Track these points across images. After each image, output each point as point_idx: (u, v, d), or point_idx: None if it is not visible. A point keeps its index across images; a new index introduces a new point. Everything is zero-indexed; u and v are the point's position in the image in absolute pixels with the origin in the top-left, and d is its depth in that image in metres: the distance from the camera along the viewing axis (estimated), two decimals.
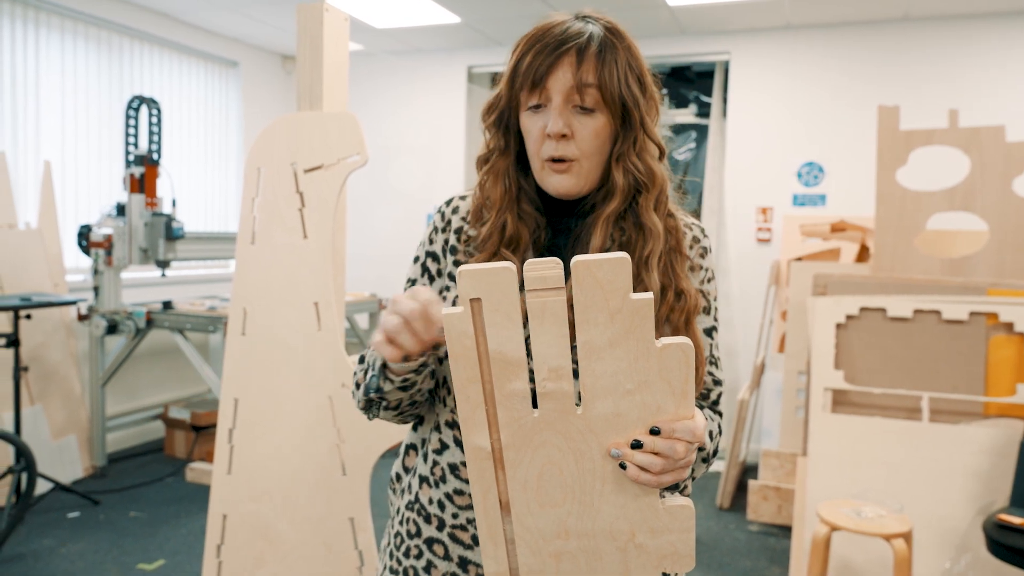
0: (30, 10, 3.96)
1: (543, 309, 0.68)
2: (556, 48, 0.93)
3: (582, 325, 0.69)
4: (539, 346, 0.70)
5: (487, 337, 0.70)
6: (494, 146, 1.02)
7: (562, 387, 0.71)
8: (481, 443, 0.74)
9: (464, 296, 0.69)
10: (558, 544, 0.77)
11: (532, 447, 0.74)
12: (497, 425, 0.73)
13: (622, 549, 0.76)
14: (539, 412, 0.73)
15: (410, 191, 5.37)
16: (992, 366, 2.72)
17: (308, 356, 1.91)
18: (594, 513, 0.76)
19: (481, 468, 0.75)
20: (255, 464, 1.96)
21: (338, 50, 1.97)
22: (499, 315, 0.69)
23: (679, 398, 0.72)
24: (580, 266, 0.67)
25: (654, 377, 0.71)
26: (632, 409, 0.72)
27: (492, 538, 0.77)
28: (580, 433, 0.73)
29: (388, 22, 4.67)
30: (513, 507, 0.76)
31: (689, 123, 5.31)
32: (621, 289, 0.67)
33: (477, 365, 0.71)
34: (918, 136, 3.06)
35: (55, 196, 3.97)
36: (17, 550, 3.06)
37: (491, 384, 0.72)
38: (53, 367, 3.83)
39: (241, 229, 1.98)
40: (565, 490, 0.75)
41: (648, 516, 0.75)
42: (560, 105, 0.93)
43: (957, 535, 2.43)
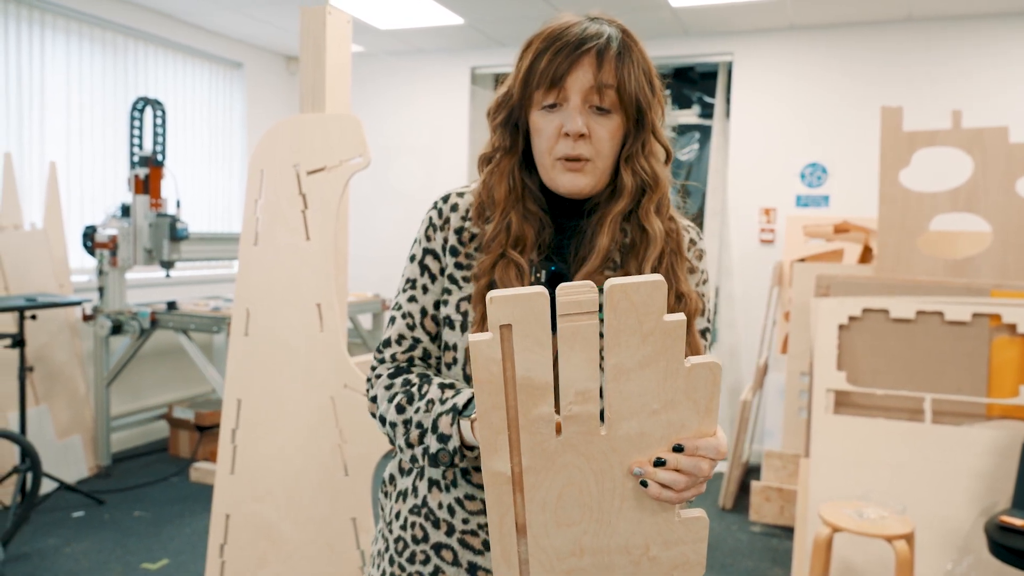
0: (35, 12, 3.98)
1: (575, 333, 0.68)
2: (576, 48, 0.93)
3: (612, 348, 0.68)
4: (568, 370, 0.69)
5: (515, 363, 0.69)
6: (499, 145, 1.02)
7: (588, 409, 0.70)
8: (501, 468, 0.73)
9: (494, 323, 0.68)
10: (571, 562, 0.76)
11: (553, 470, 0.73)
12: (519, 449, 0.72)
13: (635, 563, 0.76)
14: (563, 435, 0.72)
15: (412, 192, 5.38)
16: (995, 368, 2.72)
17: (310, 357, 1.92)
18: (610, 531, 0.75)
19: (500, 493, 0.74)
20: (258, 464, 1.97)
21: (341, 52, 1.97)
22: (529, 340, 0.68)
23: (703, 416, 0.71)
24: (616, 290, 0.66)
25: (681, 396, 0.70)
26: (656, 428, 0.71)
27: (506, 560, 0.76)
28: (603, 453, 0.72)
29: (391, 23, 4.68)
30: (530, 529, 0.75)
31: (692, 124, 5.31)
32: (656, 311, 0.67)
33: (503, 391, 0.70)
34: (921, 137, 3.05)
35: (60, 197, 3.98)
36: (22, 549, 3.08)
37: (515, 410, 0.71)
38: (58, 367, 3.85)
39: (244, 230, 1.99)
40: (583, 509, 0.74)
41: (664, 529, 0.75)
42: (579, 105, 0.94)
43: (959, 536, 2.42)
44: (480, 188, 1.03)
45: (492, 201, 1.00)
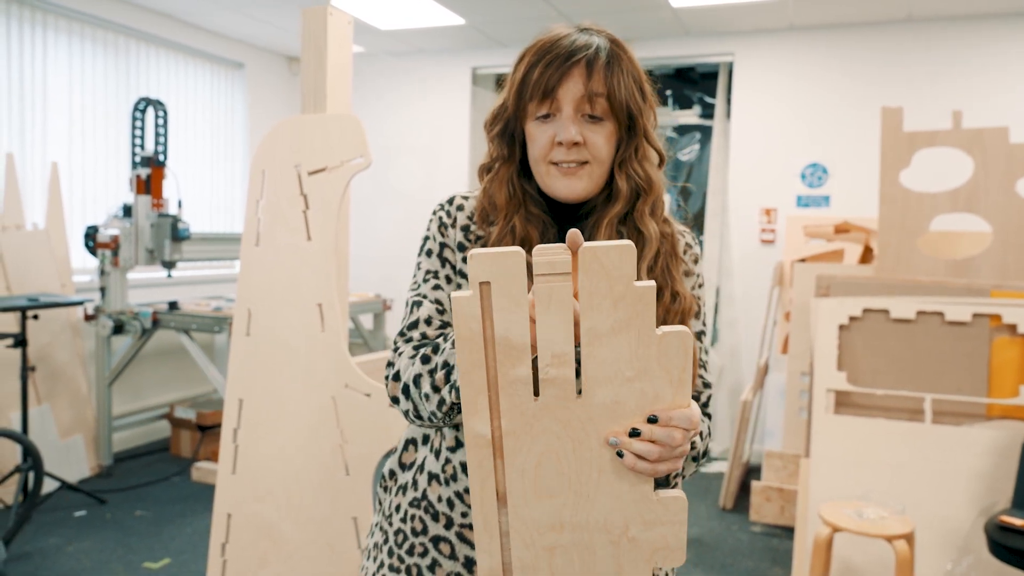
0: (37, 13, 3.99)
1: (550, 294, 0.70)
2: (566, 60, 0.97)
3: (587, 311, 0.70)
4: (544, 331, 0.71)
5: (494, 322, 0.71)
6: (498, 154, 1.05)
7: (564, 373, 0.72)
8: (482, 430, 0.74)
9: (474, 279, 0.70)
10: (552, 537, 0.77)
11: (532, 435, 0.74)
12: (499, 412, 0.74)
13: (615, 543, 0.77)
14: (540, 399, 0.73)
15: (413, 192, 5.39)
16: (995, 368, 2.72)
17: (311, 357, 1.93)
18: (589, 505, 0.76)
19: (480, 456, 0.75)
20: (259, 464, 1.98)
21: (342, 52, 1.98)
22: (507, 299, 0.70)
23: (676, 386, 0.73)
24: (587, 253, 0.68)
25: (653, 365, 0.72)
26: (631, 397, 0.73)
27: (487, 529, 0.78)
28: (579, 421, 0.74)
29: (392, 24, 4.69)
30: (510, 497, 0.76)
31: (693, 124, 5.31)
32: (626, 276, 0.69)
33: (483, 350, 0.72)
34: (921, 137, 3.06)
35: (62, 197, 4.00)
36: (24, 548, 3.09)
37: (495, 370, 0.73)
38: (60, 367, 3.86)
39: (246, 231, 2.00)
40: (562, 480, 0.76)
41: (642, 508, 0.76)
42: (571, 114, 0.97)
43: (959, 536, 2.43)
44: (481, 195, 1.06)
45: (494, 207, 1.03)
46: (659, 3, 4.11)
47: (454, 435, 1.03)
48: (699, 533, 3.49)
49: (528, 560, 0.78)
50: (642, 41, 4.82)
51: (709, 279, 4.75)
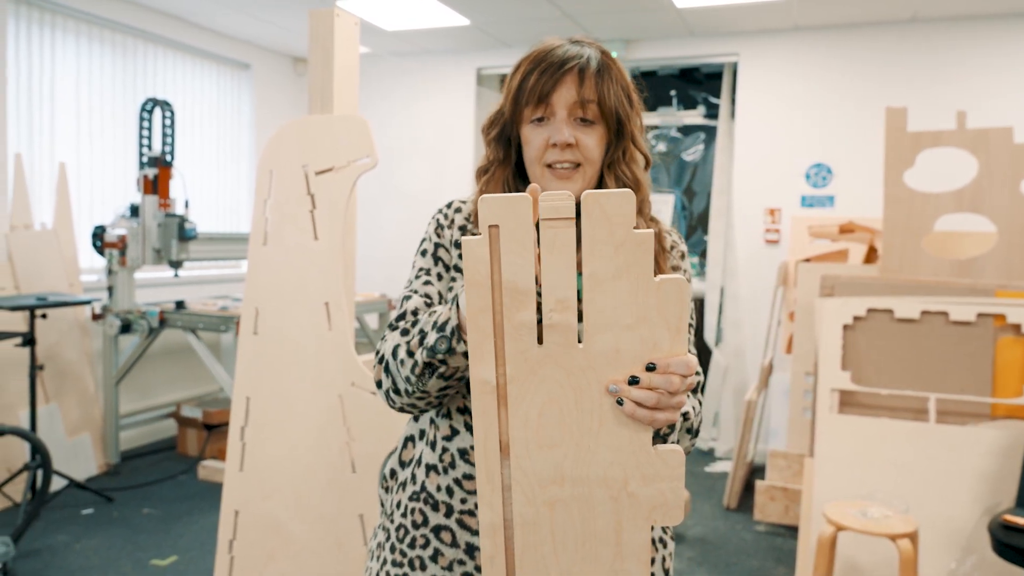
0: (46, 14, 4.02)
1: (554, 239, 0.72)
2: (559, 68, 1.03)
3: (589, 256, 0.72)
4: (549, 275, 0.73)
5: (501, 266, 0.73)
6: (494, 157, 1.11)
7: (567, 319, 0.74)
8: (487, 376, 0.76)
9: (484, 222, 0.73)
10: (553, 491, 0.79)
11: (535, 382, 0.76)
12: (504, 360, 0.76)
13: (615, 498, 0.78)
14: (544, 346, 0.75)
15: (418, 192, 5.40)
16: (1000, 367, 2.73)
17: (319, 356, 1.94)
18: (590, 457, 0.78)
19: (485, 404, 0.77)
20: (267, 462, 2.00)
21: (349, 54, 2.00)
22: (514, 243, 0.73)
23: (674, 334, 0.75)
24: (589, 198, 0.71)
25: (652, 312, 0.74)
26: (631, 345, 0.75)
27: (490, 481, 0.79)
28: (581, 369, 0.76)
29: (397, 24, 4.71)
30: (513, 447, 0.78)
31: (697, 124, 5.32)
32: (626, 222, 0.71)
33: (490, 294, 0.74)
34: (926, 137, 3.06)
35: (70, 197, 4.02)
36: (33, 545, 3.11)
37: (501, 315, 0.75)
38: (68, 366, 3.88)
39: (253, 231, 2.02)
40: (563, 430, 0.77)
41: (641, 460, 0.78)
42: (565, 117, 1.03)
43: (963, 536, 2.43)
44: (477, 196, 1.11)
45: None
46: (663, 4, 4.12)
47: (449, 424, 1.06)
48: (703, 532, 3.50)
49: (529, 515, 0.80)
50: (647, 42, 4.83)
51: (713, 279, 4.76)
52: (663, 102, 5.22)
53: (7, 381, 3.59)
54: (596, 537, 0.80)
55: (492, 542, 0.81)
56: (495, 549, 0.81)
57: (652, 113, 5.17)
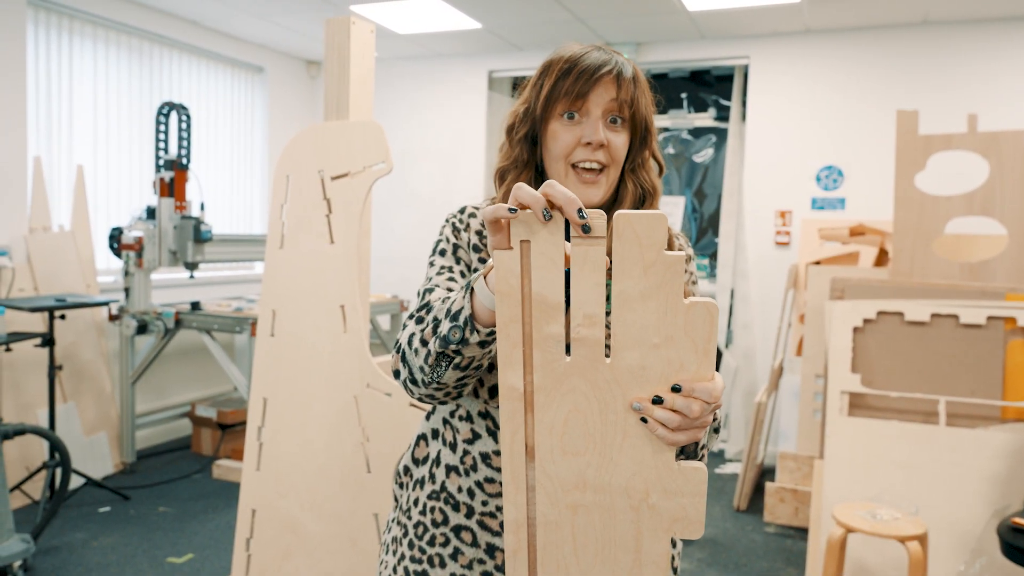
0: (64, 19, 4.08)
1: (585, 256, 0.74)
2: (598, 70, 1.04)
3: (618, 275, 0.74)
4: (578, 292, 0.75)
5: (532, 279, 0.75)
6: (517, 159, 1.11)
7: (595, 334, 0.76)
8: (515, 383, 0.78)
9: (516, 238, 0.75)
10: (575, 496, 0.81)
11: (561, 392, 0.78)
12: (532, 367, 0.78)
13: (635, 508, 0.80)
14: (571, 358, 0.77)
15: (430, 194, 5.44)
16: (1010, 371, 2.73)
17: (334, 357, 1.98)
18: (613, 467, 0.79)
19: (513, 408, 0.79)
20: (283, 462, 2.04)
21: (364, 61, 2.03)
22: (545, 258, 0.74)
23: (701, 356, 0.75)
24: (621, 219, 0.72)
25: (680, 333, 0.74)
26: (657, 363, 0.76)
27: (515, 482, 0.81)
28: (607, 383, 0.77)
29: (410, 28, 4.75)
30: (538, 452, 0.80)
31: (708, 127, 5.33)
32: (657, 244, 0.72)
33: (520, 305, 0.76)
34: (937, 140, 3.07)
35: (87, 200, 4.08)
36: (52, 542, 3.17)
37: (530, 326, 0.77)
38: (85, 366, 3.94)
39: (270, 234, 2.05)
40: (588, 439, 0.79)
41: (663, 475, 0.79)
42: (599, 118, 1.05)
43: (972, 538, 2.44)
44: (500, 198, 1.11)
45: None
46: (675, 7, 4.14)
47: (470, 427, 1.07)
48: (713, 533, 3.51)
49: (552, 516, 0.82)
50: (658, 44, 4.84)
51: (724, 281, 4.77)
52: (674, 104, 5.24)
53: (26, 381, 3.66)
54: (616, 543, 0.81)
55: (516, 538, 0.83)
56: (519, 545, 0.83)
57: (663, 116, 5.18)
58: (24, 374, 3.65)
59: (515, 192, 0.74)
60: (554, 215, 0.73)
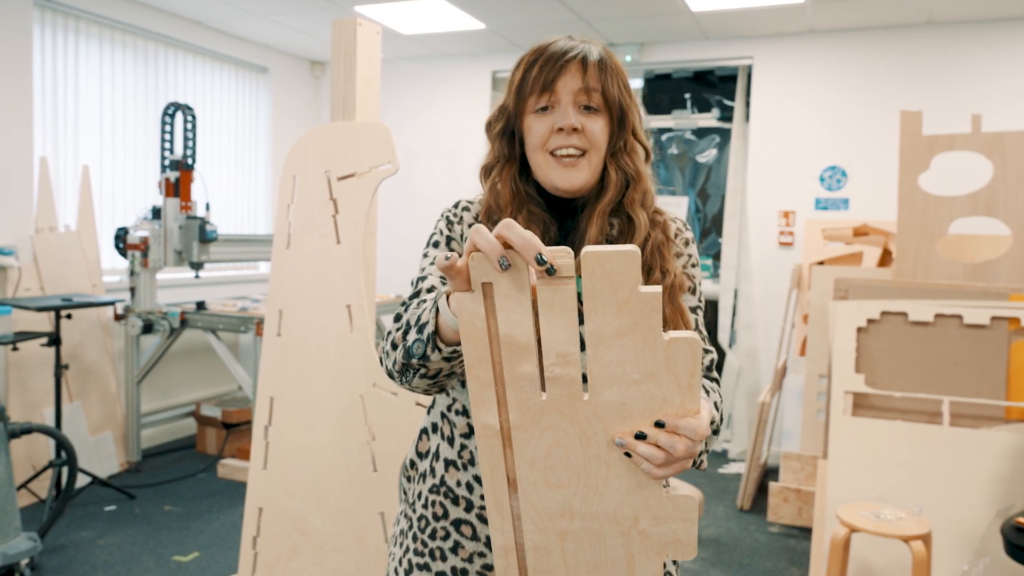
0: (70, 20, 4.10)
1: (553, 296, 0.70)
2: (562, 57, 1.05)
3: (591, 314, 0.70)
4: (548, 332, 0.71)
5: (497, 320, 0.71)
6: (499, 155, 1.13)
7: (569, 373, 0.72)
8: (490, 421, 0.75)
9: (476, 280, 0.70)
10: (563, 524, 0.79)
11: (539, 429, 0.75)
12: (506, 405, 0.74)
13: (625, 534, 0.78)
14: (547, 396, 0.74)
15: (435, 194, 5.45)
16: (1014, 371, 2.73)
17: (341, 357, 1.99)
18: (599, 497, 0.77)
19: (490, 445, 0.76)
20: (290, 460, 2.05)
21: (371, 62, 2.04)
22: (509, 300, 0.70)
23: (685, 391, 0.72)
24: (590, 257, 0.68)
25: (661, 369, 0.71)
26: (638, 399, 0.73)
27: (499, 511, 0.79)
28: (587, 419, 0.74)
29: (414, 28, 4.76)
30: (520, 485, 0.77)
31: (712, 127, 5.33)
32: (630, 281, 0.68)
33: (487, 346, 0.72)
34: (941, 141, 3.07)
35: (93, 200, 4.10)
36: (59, 541, 3.18)
37: (501, 366, 0.73)
38: (91, 365, 3.96)
39: (276, 234, 2.07)
40: (571, 472, 0.76)
41: (652, 504, 0.77)
42: (570, 103, 1.04)
43: (976, 538, 2.45)
44: (487, 195, 1.12)
45: (499, 206, 1.09)
46: (679, 7, 4.15)
47: (466, 422, 1.08)
48: (717, 533, 3.52)
49: (540, 542, 0.80)
50: (661, 45, 4.85)
51: (727, 281, 4.77)
52: (677, 105, 5.24)
53: (33, 380, 3.67)
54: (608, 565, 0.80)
55: (505, 562, 0.82)
56: (508, 568, 0.82)
57: (666, 116, 5.19)
58: (31, 373, 3.66)
59: (472, 237, 0.70)
60: (513, 263, 0.69)
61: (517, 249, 0.69)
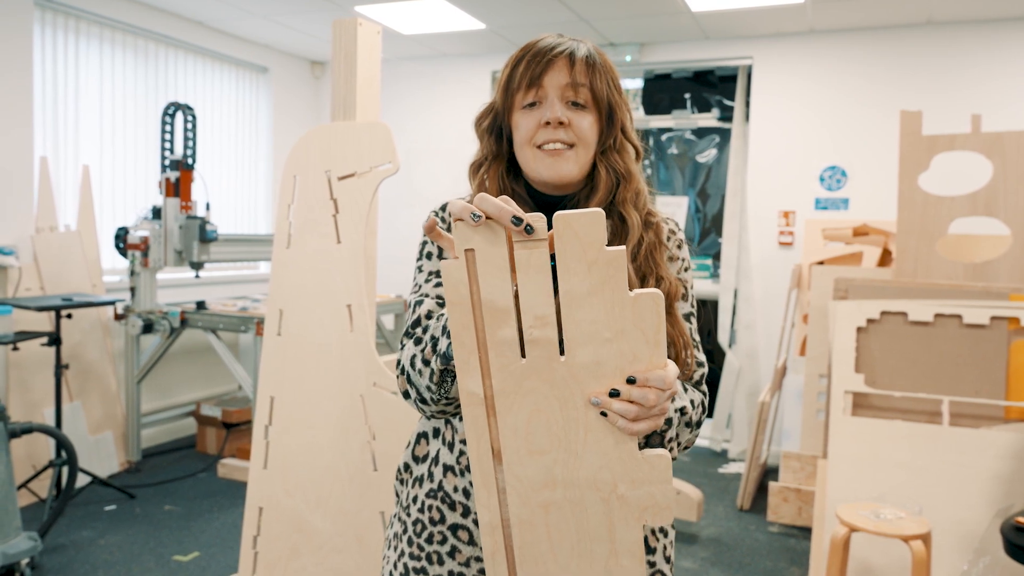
0: (71, 20, 4.10)
1: (528, 259, 0.74)
2: (549, 52, 1.04)
3: (564, 275, 0.75)
4: (526, 295, 0.76)
5: (479, 286, 0.76)
6: (487, 152, 1.12)
7: (547, 334, 0.77)
8: (475, 388, 0.79)
9: (460, 247, 0.75)
10: (546, 494, 0.82)
11: (521, 393, 0.79)
12: (489, 372, 0.79)
13: (605, 500, 0.81)
14: (527, 360, 0.78)
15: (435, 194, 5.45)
16: (1013, 370, 2.74)
17: (341, 356, 1.99)
18: (579, 462, 0.81)
19: (475, 414, 0.80)
20: (290, 460, 2.05)
21: (371, 62, 2.05)
22: (490, 265, 0.75)
23: (652, 347, 0.77)
24: (560, 220, 0.73)
25: (630, 326, 0.76)
26: (611, 357, 0.77)
27: (485, 485, 0.82)
28: (564, 380, 0.78)
29: (414, 29, 4.76)
30: (504, 454, 0.81)
31: (712, 127, 5.34)
32: (598, 241, 0.74)
33: (471, 312, 0.77)
34: (941, 141, 3.07)
35: (93, 199, 4.10)
36: (59, 540, 3.18)
37: (483, 332, 0.78)
38: (91, 365, 3.96)
39: (277, 234, 2.07)
40: (552, 437, 0.80)
41: (629, 466, 0.80)
42: (557, 99, 1.04)
43: (976, 538, 2.45)
44: (476, 190, 1.12)
45: None
46: (679, 8, 4.15)
47: None
48: (717, 533, 3.52)
49: (524, 516, 0.83)
50: (661, 45, 4.85)
51: (727, 281, 4.77)
52: (677, 105, 5.24)
53: (33, 379, 3.68)
54: (590, 535, 0.83)
55: (492, 540, 0.85)
56: (495, 546, 0.85)
57: (666, 116, 5.19)
58: (31, 373, 3.67)
59: (450, 208, 0.75)
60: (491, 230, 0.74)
61: (492, 216, 0.73)
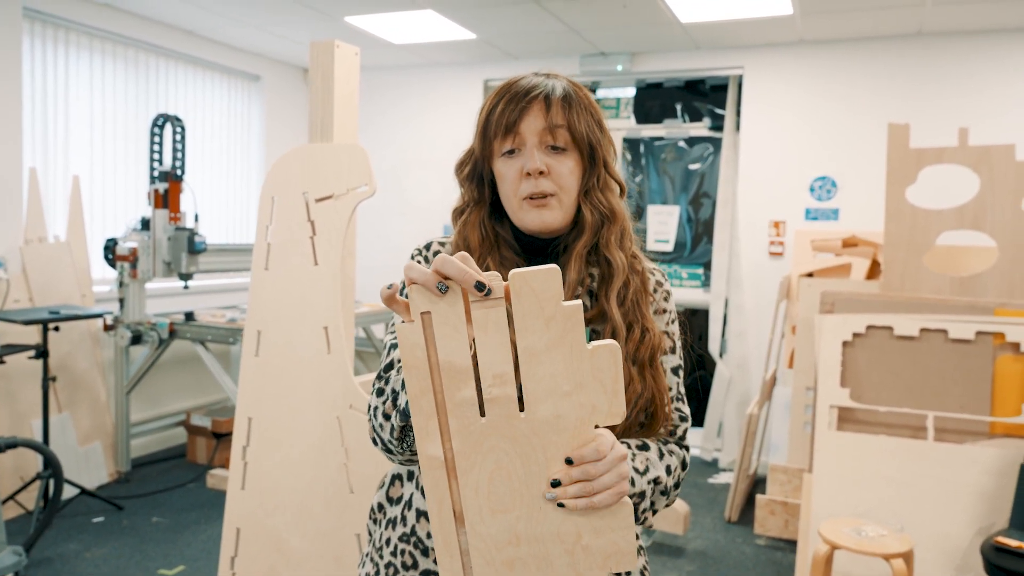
0: (60, 30, 4.10)
1: (486, 319, 0.75)
2: (525, 95, 1.02)
3: (522, 332, 0.75)
4: (484, 354, 0.76)
5: (437, 348, 0.76)
6: (469, 198, 1.11)
7: (506, 392, 0.77)
8: (435, 452, 0.79)
9: (415, 310, 0.75)
10: (510, 551, 0.82)
11: (482, 452, 0.79)
12: (449, 434, 0.78)
13: (570, 552, 0.81)
14: (486, 418, 0.78)
15: (426, 203, 5.45)
16: (998, 386, 2.73)
17: (318, 378, 1.99)
18: (542, 517, 0.81)
19: (435, 478, 0.80)
20: (269, 480, 2.05)
21: (349, 84, 2.04)
22: (447, 327, 0.75)
23: (611, 396, 0.77)
24: (517, 278, 0.74)
25: (588, 378, 0.76)
26: (571, 410, 0.77)
27: (448, 550, 0.82)
28: (525, 436, 0.78)
29: (405, 38, 4.76)
30: (466, 515, 0.81)
31: (703, 136, 5.33)
32: (555, 297, 0.74)
33: (428, 376, 0.77)
34: (928, 154, 3.08)
35: (83, 210, 4.10)
36: (45, 554, 3.18)
37: (442, 394, 0.77)
38: (80, 376, 3.96)
39: (256, 255, 2.07)
40: (514, 494, 0.80)
41: (592, 516, 0.81)
42: (535, 145, 1.02)
43: (959, 555, 2.45)
44: (456, 238, 1.10)
45: (468, 249, 1.06)
46: (669, 19, 4.15)
47: None
48: (704, 545, 3.52)
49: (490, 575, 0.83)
50: (652, 54, 4.85)
51: (718, 290, 4.77)
52: (669, 114, 5.25)
53: (21, 391, 3.67)
54: None
55: None
56: None
57: (658, 124, 5.19)
58: (19, 384, 3.66)
59: (406, 272, 0.75)
60: (450, 286, 0.74)
61: (455, 280, 0.73)
